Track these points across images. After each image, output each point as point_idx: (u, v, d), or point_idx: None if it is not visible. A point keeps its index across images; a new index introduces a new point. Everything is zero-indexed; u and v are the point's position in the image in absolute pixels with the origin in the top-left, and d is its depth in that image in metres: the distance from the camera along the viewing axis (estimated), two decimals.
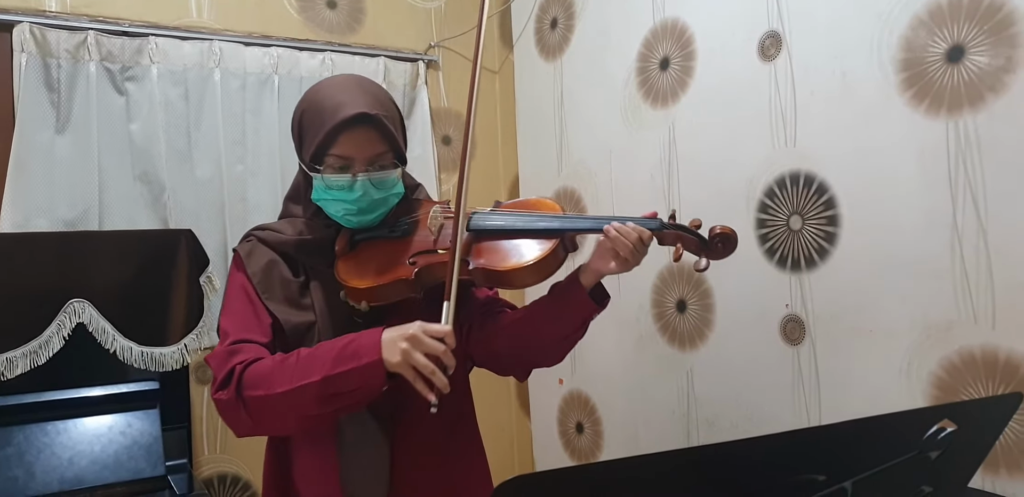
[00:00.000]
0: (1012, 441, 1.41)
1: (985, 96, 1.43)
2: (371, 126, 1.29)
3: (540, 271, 1.28)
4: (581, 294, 1.29)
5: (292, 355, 1.23)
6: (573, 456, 2.55)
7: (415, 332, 1.16)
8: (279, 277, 1.35)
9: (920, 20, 1.52)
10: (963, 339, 1.47)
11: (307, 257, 1.37)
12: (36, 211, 2.08)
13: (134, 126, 2.24)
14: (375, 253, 1.35)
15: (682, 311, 2.10)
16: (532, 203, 1.38)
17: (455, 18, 2.80)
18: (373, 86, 1.37)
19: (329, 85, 1.35)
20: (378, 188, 1.32)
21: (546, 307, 1.33)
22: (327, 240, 1.37)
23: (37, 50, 2.10)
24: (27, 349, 1.79)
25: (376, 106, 1.30)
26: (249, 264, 1.35)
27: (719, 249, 1.27)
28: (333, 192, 1.32)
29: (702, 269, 1.25)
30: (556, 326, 1.32)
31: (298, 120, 1.36)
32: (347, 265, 1.34)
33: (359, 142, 1.29)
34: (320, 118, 1.30)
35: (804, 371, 1.75)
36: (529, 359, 1.40)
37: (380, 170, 1.32)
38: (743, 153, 1.89)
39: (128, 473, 1.73)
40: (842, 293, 1.67)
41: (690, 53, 2.04)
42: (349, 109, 1.27)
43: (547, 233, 1.30)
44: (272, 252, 1.37)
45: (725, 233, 1.26)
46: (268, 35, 2.45)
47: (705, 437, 2.04)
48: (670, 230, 1.27)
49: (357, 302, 1.32)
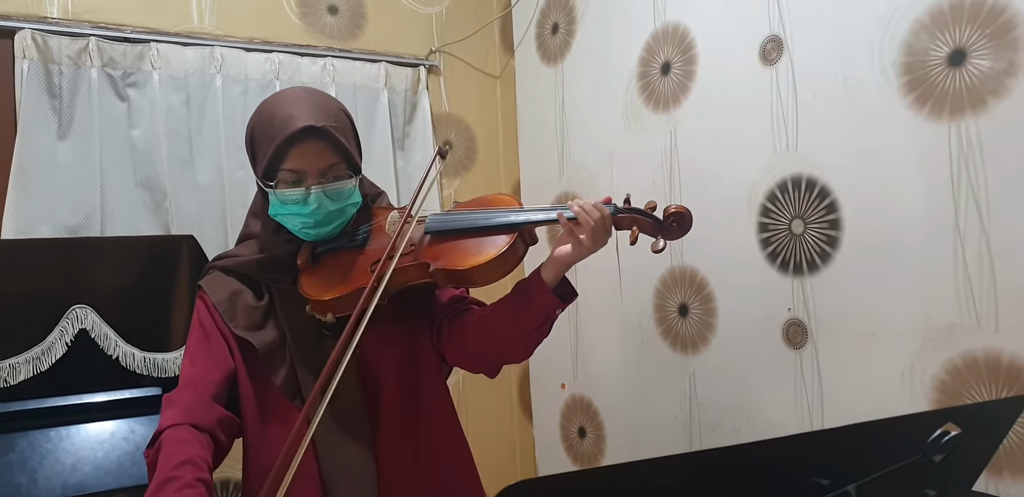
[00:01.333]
0: (1016, 444, 1.41)
1: (987, 100, 1.43)
2: (320, 138, 1.29)
3: (500, 266, 1.28)
4: (542, 289, 1.28)
5: (160, 469, 1.19)
6: (576, 461, 2.55)
7: None
8: (243, 305, 1.35)
9: (922, 24, 1.52)
10: (966, 342, 1.47)
11: (270, 274, 1.38)
12: (38, 217, 2.08)
13: (136, 132, 2.24)
14: (337, 264, 1.35)
15: (684, 315, 2.09)
16: (488, 200, 1.38)
17: (456, 23, 2.80)
18: (322, 97, 1.37)
19: (277, 99, 1.36)
20: (333, 200, 1.32)
21: (509, 304, 1.33)
22: (288, 256, 1.38)
23: (39, 56, 2.10)
24: (30, 355, 1.79)
25: (323, 117, 1.30)
26: (213, 294, 1.37)
27: (674, 229, 1.27)
28: (288, 206, 1.32)
29: (659, 250, 1.25)
30: (520, 323, 1.31)
31: (249, 136, 1.37)
32: (310, 278, 1.34)
33: (309, 155, 1.29)
34: (269, 133, 1.30)
35: (807, 375, 1.75)
36: (496, 356, 1.39)
37: (334, 181, 1.32)
38: (745, 157, 1.89)
39: (131, 479, 1.72)
40: (844, 297, 1.67)
41: (691, 57, 2.04)
42: (296, 122, 1.27)
43: (504, 228, 1.29)
44: (234, 281, 1.38)
45: (679, 212, 1.26)
46: (269, 41, 2.45)
47: (708, 441, 2.03)
48: (625, 213, 1.28)
49: (323, 314, 1.32)
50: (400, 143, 2.66)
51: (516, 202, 1.36)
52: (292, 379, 1.33)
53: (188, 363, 1.35)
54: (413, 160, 2.68)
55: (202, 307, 1.39)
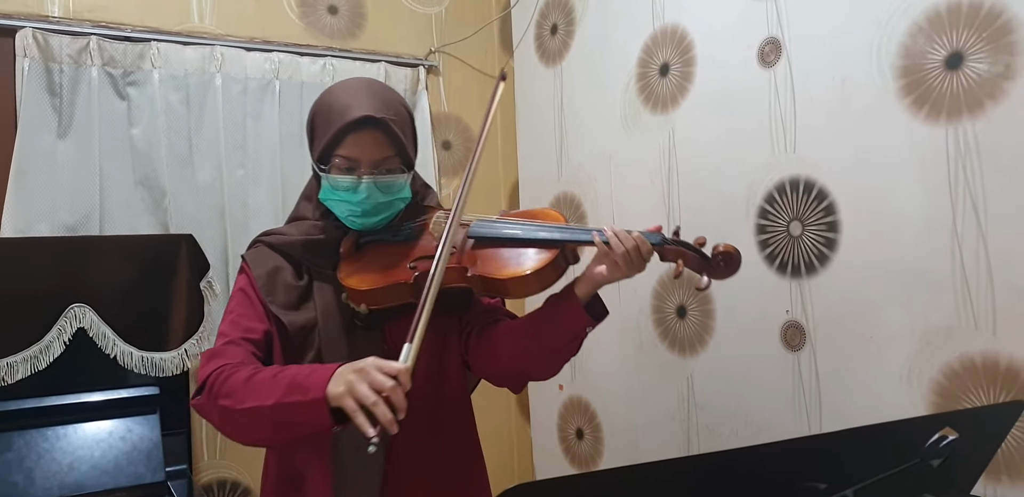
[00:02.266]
0: (1014, 448, 1.41)
1: (984, 103, 1.43)
2: (378, 129, 1.30)
3: (539, 281, 1.27)
4: (575, 306, 1.27)
5: (262, 370, 1.22)
6: (573, 462, 2.55)
7: (364, 366, 1.13)
8: (282, 282, 1.35)
9: (919, 27, 1.53)
10: (964, 345, 1.47)
11: (313, 257, 1.38)
12: (37, 216, 2.08)
13: (135, 131, 2.24)
14: (378, 256, 1.36)
15: (682, 317, 2.10)
16: (535, 213, 1.37)
17: (455, 24, 2.80)
18: (385, 90, 1.38)
19: (342, 87, 1.37)
20: (383, 192, 1.33)
21: (540, 319, 1.32)
22: (334, 241, 1.38)
23: (40, 55, 2.10)
24: (28, 354, 1.79)
25: (384, 110, 1.31)
26: (255, 268, 1.37)
27: (721, 268, 1.25)
28: (339, 193, 1.33)
29: (703, 288, 1.23)
30: (549, 338, 1.30)
31: (310, 120, 1.39)
32: (350, 267, 1.35)
33: (365, 144, 1.30)
34: (329, 119, 1.32)
35: (805, 377, 1.75)
36: (522, 371, 1.39)
37: (386, 174, 1.33)
38: (743, 159, 1.89)
39: (128, 479, 1.72)
40: (842, 299, 1.68)
41: (690, 59, 2.05)
42: (356, 111, 1.29)
43: (548, 243, 1.29)
44: (278, 257, 1.38)
45: (728, 252, 1.24)
46: (269, 40, 2.46)
47: (705, 443, 2.03)
48: (672, 245, 1.26)
49: (357, 304, 1.33)
50: None
51: (562, 218, 1.35)
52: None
53: (228, 322, 1.33)
54: None
55: (244, 278, 1.39)
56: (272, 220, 2.36)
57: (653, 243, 1.25)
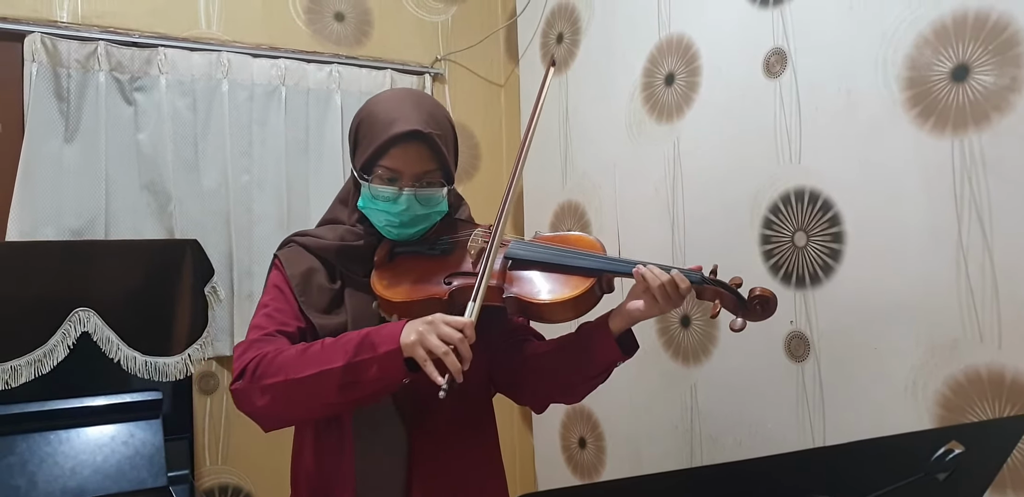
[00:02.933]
0: (1020, 462, 1.40)
1: (990, 115, 1.43)
2: (423, 143, 1.31)
3: (575, 308, 1.28)
4: (607, 339, 1.28)
5: (316, 343, 1.24)
6: (575, 471, 2.54)
7: (433, 319, 1.17)
8: (317, 284, 1.36)
9: (925, 39, 1.53)
10: (969, 358, 1.46)
11: (347, 262, 1.39)
12: (43, 220, 2.09)
13: (142, 136, 2.25)
14: (412, 268, 1.36)
15: (686, 326, 2.10)
16: (573, 239, 1.39)
17: (462, 32, 2.81)
18: (431, 103, 1.40)
19: (390, 98, 1.38)
20: (422, 204, 1.34)
21: (571, 347, 1.33)
22: (369, 248, 1.39)
23: (48, 60, 2.12)
24: (32, 358, 1.79)
25: (431, 124, 1.32)
26: (289, 267, 1.37)
27: (757, 311, 1.27)
28: (378, 202, 1.34)
29: (737, 329, 1.24)
30: (578, 368, 1.31)
31: (355, 128, 1.39)
32: (383, 276, 1.35)
33: (409, 157, 1.32)
34: (375, 129, 1.33)
35: (809, 388, 1.75)
36: (547, 394, 1.40)
37: (427, 187, 1.34)
38: (748, 169, 1.89)
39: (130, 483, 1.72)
40: (847, 310, 1.67)
41: (695, 69, 2.05)
42: (404, 125, 1.30)
43: (586, 271, 1.30)
44: (312, 258, 1.39)
45: (764, 296, 1.26)
46: (276, 47, 2.47)
47: (708, 453, 2.03)
48: (710, 285, 1.27)
49: (388, 314, 1.33)
50: None
51: (599, 247, 1.36)
52: None
53: (262, 315, 1.33)
54: None
55: (278, 275, 1.38)
56: (276, 226, 2.37)
57: (692, 281, 1.26)
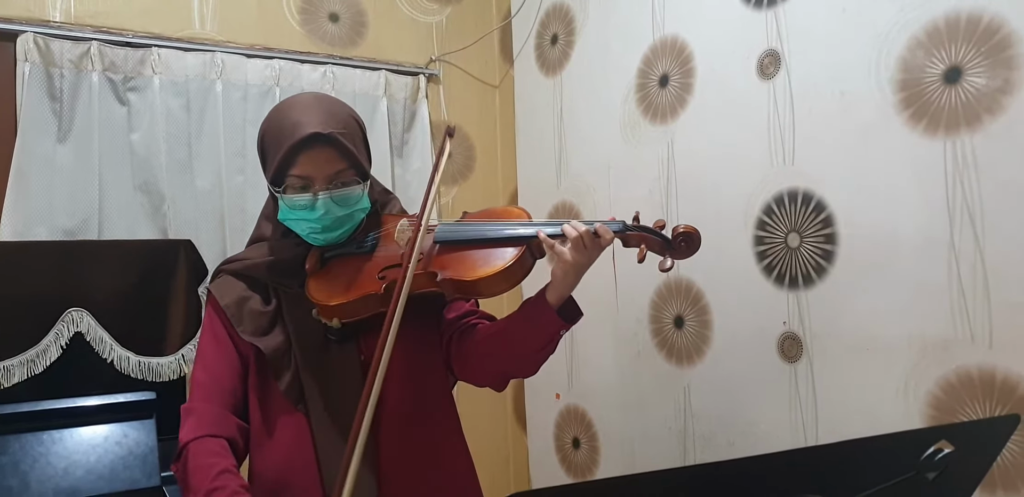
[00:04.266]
0: (1010, 462, 1.41)
1: (982, 117, 1.44)
2: (327, 144, 1.30)
3: (508, 278, 1.28)
4: (547, 310, 1.28)
5: (192, 480, 1.25)
6: (569, 471, 2.55)
7: None
8: (249, 310, 1.36)
9: (918, 41, 1.54)
10: (960, 358, 1.47)
11: (279, 278, 1.39)
12: (36, 219, 2.08)
13: (135, 136, 2.24)
14: (344, 269, 1.36)
15: (680, 327, 2.10)
16: (499, 212, 1.38)
17: (456, 33, 2.81)
18: (331, 103, 1.38)
19: (287, 105, 1.36)
20: (340, 205, 1.33)
21: (515, 323, 1.34)
22: (297, 259, 1.38)
23: (40, 60, 2.11)
24: (25, 358, 1.78)
25: (331, 124, 1.31)
26: (222, 298, 1.38)
27: (683, 248, 1.28)
28: (296, 211, 1.33)
29: (667, 269, 1.26)
30: (525, 342, 1.32)
31: (260, 141, 1.38)
32: (317, 283, 1.35)
33: (317, 161, 1.30)
34: (278, 139, 1.31)
35: (801, 389, 1.76)
36: (503, 372, 1.41)
37: (341, 187, 1.33)
38: (741, 170, 1.90)
39: (123, 484, 1.71)
40: (839, 311, 1.68)
41: (689, 70, 2.06)
42: (304, 129, 1.28)
43: (512, 240, 1.30)
44: (243, 286, 1.39)
45: (688, 232, 1.27)
46: (270, 47, 2.46)
47: (701, 453, 2.03)
48: (633, 231, 1.29)
49: (329, 319, 1.33)
50: (398, 151, 2.67)
51: (526, 215, 1.36)
52: (296, 385, 1.34)
53: (201, 368, 1.36)
54: (411, 168, 2.69)
55: (211, 311, 1.40)
56: None
57: (615, 231, 1.27)
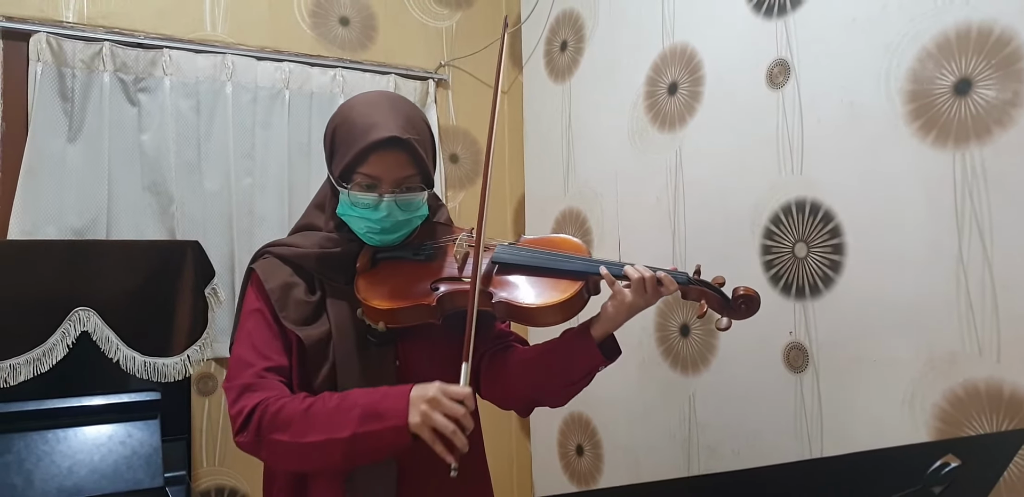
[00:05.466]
0: (1016, 477, 1.40)
1: (992, 129, 1.44)
2: (402, 149, 1.30)
3: (563, 312, 1.29)
4: (590, 344, 1.29)
5: (317, 400, 1.22)
6: (572, 479, 2.54)
7: (435, 394, 1.17)
8: (295, 298, 1.34)
9: (928, 52, 1.54)
10: (968, 372, 1.47)
11: (326, 270, 1.37)
12: (45, 219, 2.09)
13: (145, 137, 2.25)
14: (397, 274, 1.35)
15: (685, 335, 2.10)
16: (558, 242, 1.38)
17: (466, 37, 2.82)
18: (408, 107, 1.38)
19: (364, 102, 1.36)
20: (403, 209, 1.33)
21: (554, 353, 1.34)
22: (349, 254, 1.37)
23: (53, 60, 2.12)
24: (31, 356, 1.79)
25: (409, 129, 1.31)
26: (267, 281, 1.34)
27: (742, 310, 1.29)
28: (358, 209, 1.33)
29: (723, 328, 1.27)
30: (561, 373, 1.32)
31: (331, 135, 1.37)
32: (368, 283, 1.34)
33: (388, 164, 1.30)
34: (352, 136, 1.31)
35: (807, 399, 1.75)
36: (532, 399, 1.41)
37: (407, 192, 1.33)
38: (750, 179, 1.90)
39: (126, 484, 1.72)
40: (846, 322, 1.68)
41: (698, 78, 2.06)
42: (382, 131, 1.28)
43: (573, 274, 1.30)
44: (289, 271, 1.36)
45: (748, 295, 1.28)
46: (280, 50, 2.47)
47: (706, 463, 2.03)
48: (695, 285, 1.29)
49: (375, 322, 1.32)
50: None
51: (584, 249, 1.37)
52: (331, 379, 1.31)
53: (249, 347, 1.31)
54: None
55: (254, 293, 1.36)
56: (278, 228, 2.37)
57: (679, 282, 1.28)
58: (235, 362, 1.31)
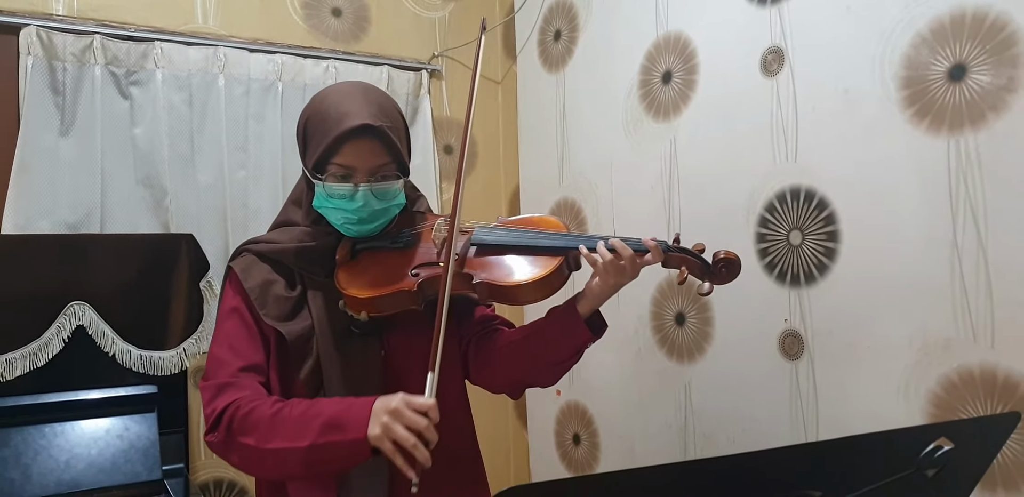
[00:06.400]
0: (1010, 460, 1.41)
1: (986, 115, 1.44)
2: (375, 137, 1.29)
3: (544, 288, 1.29)
4: (577, 322, 1.29)
5: (286, 406, 1.21)
6: (569, 468, 2.55)
7: (398, 405, 1.13)
8: (274, 295, 1.33)
9: (922, 38, 1.53)
10: (962, 357, 1.47)
11: (306, 265, 1.36)
12: (38, 213, 2.08)
13: (137, 130, 2.24)
14: (376, 263, 1.35)
15: (681, 324, 2.10)
16: (536, 220, 1.38)
17: (459, 28, 2.81)
18: (379, 95, 1.37)
19: (335, 92, 1.35)
20: (379, 198, 1.33)
21: (541, 332, 1.33)
22: (328, 248, 1.37)
23: (43, 53, 2.11)
24: (27, 351, 1.79)
25: (381, 117, 1.30)
26: (246, 279, 1.34)
27: (723, 274, 1.28)
28: (334, 200, 1.32)
29: (705, 293, 1.26)
30: (550, 352, 1.32)
31: (303, 127, 1.36)
32: (348, 274, 1.34)
33: (362, 152, 1.29)
34: (324, 126, 1.30)
35: (802, 386, 1.76)
36: (522, 381, 1.41)
37: (382, 181, 1.32)
38: (744, 167, 1.89)
39: (124, 477, 1.72)
40: (841, 309, 1.68)
41: (692, 67, 2.05)
42: (354, 119, 1.27)
43: (552, 250, 1.30)
44: (268, 269, 1.36)
45: (729, 258, 1.27)
46: (273, 42, 2.46)
47: (702, 451, 2.03)
48: (674, 253, 1.29)
49: (356, 312, 1.32)
50: None
51: (563, 226, 1.37)
52: (316, 373, 1.30)
53: (227, 347, 1.30)
54: (413, 163, 2.67)
55: (233, 291, 1.36)
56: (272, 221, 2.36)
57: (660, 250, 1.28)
58: (211, 361, 1.31)
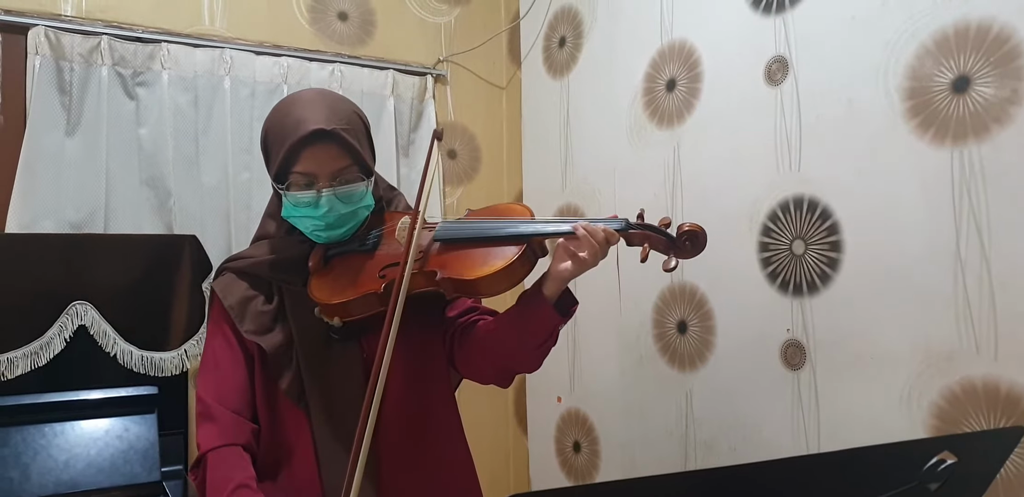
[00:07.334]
0: (1013, 474, 1.41)
1: (990, 127, 1.44)
2: (331, 141, 1.29)
3: (509, 277, 1.26)
4: (544, 305, 1.28)
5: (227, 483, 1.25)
6: (570, 475, 2.54)
7: None
8: (253, 310, 1.36)
9: (927, 49, 1.54)
10: (965, 369, 1.47)
11: (282, 275, 1.38)
12: (43, 212, 2.09)
13: (143, 131, 2.25)
14: (347, 268, 1.35)
15: (683, 332, 2.10)
16: (501, 209, 1.37)
17: (464, 33, 2.82)
18: (335, 99, 1.37)
19: (290, 101, 1.36)
20: (344, 202, 1.33)
21: (513, 321, 1.33)
22: (300, 257, 1.38)
23: (51, 53, 2.11)
24: (28, 350, 1.79)
25: (335, 120, 1.30)
26: (225, 298, 1.37)
27: (687, 247, 1.25)
28: (300, 209, 1.33)
29: (670, 269, 1.23)
30: (524, 338, 1.31)
31: (263, 139, 1.38)
32: (320, 281, 1.34)
33: (320, 158, 1.30)
34: (282, 136, 1.31)
35: (804, 396, 1.75)
36: (506, 369, 1.40)
37: (345, 184, 1.32)
38: (747, 176, 1.90)
39: (123, 478, 1.72)
40: (844, 319, 1.68)
41: (697, 75, 2.06)
42: (307, 125, 1.28)
43: (514, 238, 1.28)
44: (246, 285, 1.38)
45: (693, 230, 1.25)
46: (279, 45, 2.47)
47: (703, 459, 2.03)
48: (637, 230, 1.26)
49: (330, 318, 1.32)
50: (405, 150, 2.67)
51: (529, 212, 1.34)
52: (297, 383, 1.33)
53: (213, 368, 1.36)
54: (417, 167, 2.69)
55: (215, 311, 1.40)
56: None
57: (618, 229, 1.25)
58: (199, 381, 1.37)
